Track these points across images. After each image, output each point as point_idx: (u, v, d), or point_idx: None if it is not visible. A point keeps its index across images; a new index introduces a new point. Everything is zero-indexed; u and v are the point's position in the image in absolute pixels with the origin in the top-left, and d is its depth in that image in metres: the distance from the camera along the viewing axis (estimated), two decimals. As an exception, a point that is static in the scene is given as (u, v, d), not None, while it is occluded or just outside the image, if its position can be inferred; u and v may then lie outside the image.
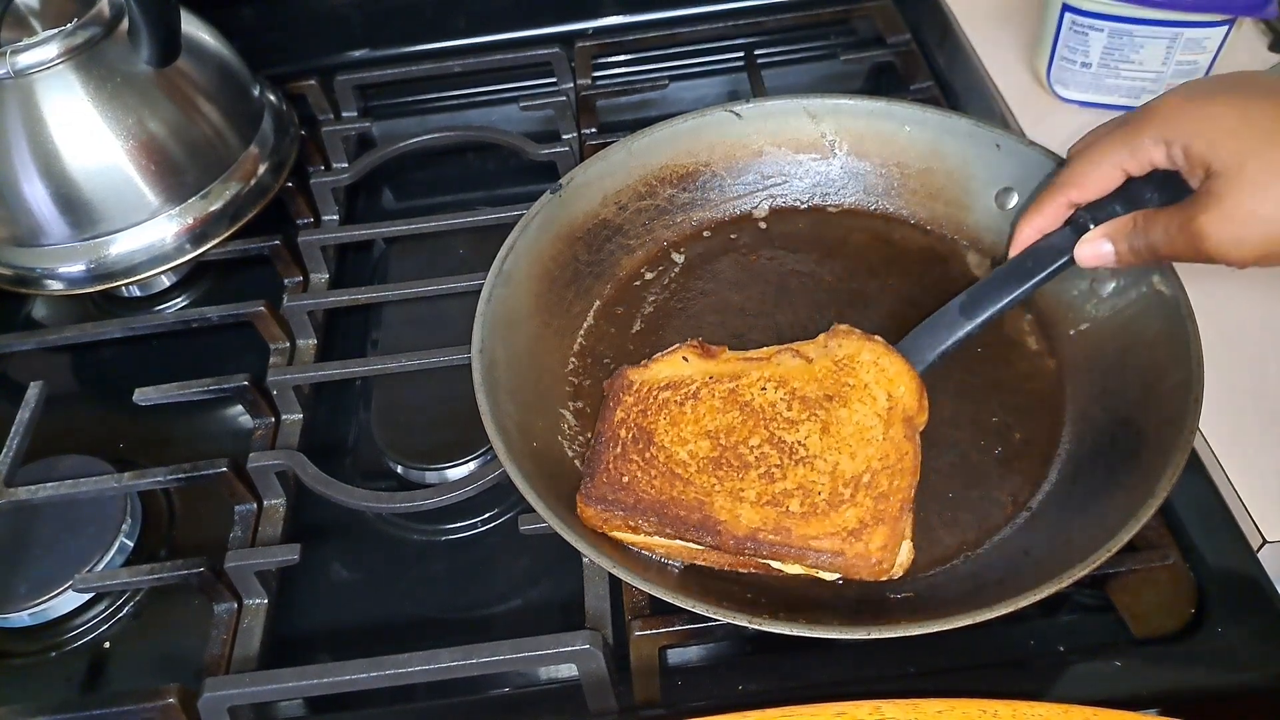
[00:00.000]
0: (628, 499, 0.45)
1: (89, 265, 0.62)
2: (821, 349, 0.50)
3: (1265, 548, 0.48)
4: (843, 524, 0.44)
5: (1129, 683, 0.44)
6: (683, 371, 0.50)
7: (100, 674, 0.51)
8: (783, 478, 0.45)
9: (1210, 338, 0.46)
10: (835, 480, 0.45)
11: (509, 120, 0.77)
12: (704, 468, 0.46)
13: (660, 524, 0.44)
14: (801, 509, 0.44)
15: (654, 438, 0.47)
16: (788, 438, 0.47)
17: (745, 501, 0.45)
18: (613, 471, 0.46)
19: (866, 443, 0.46)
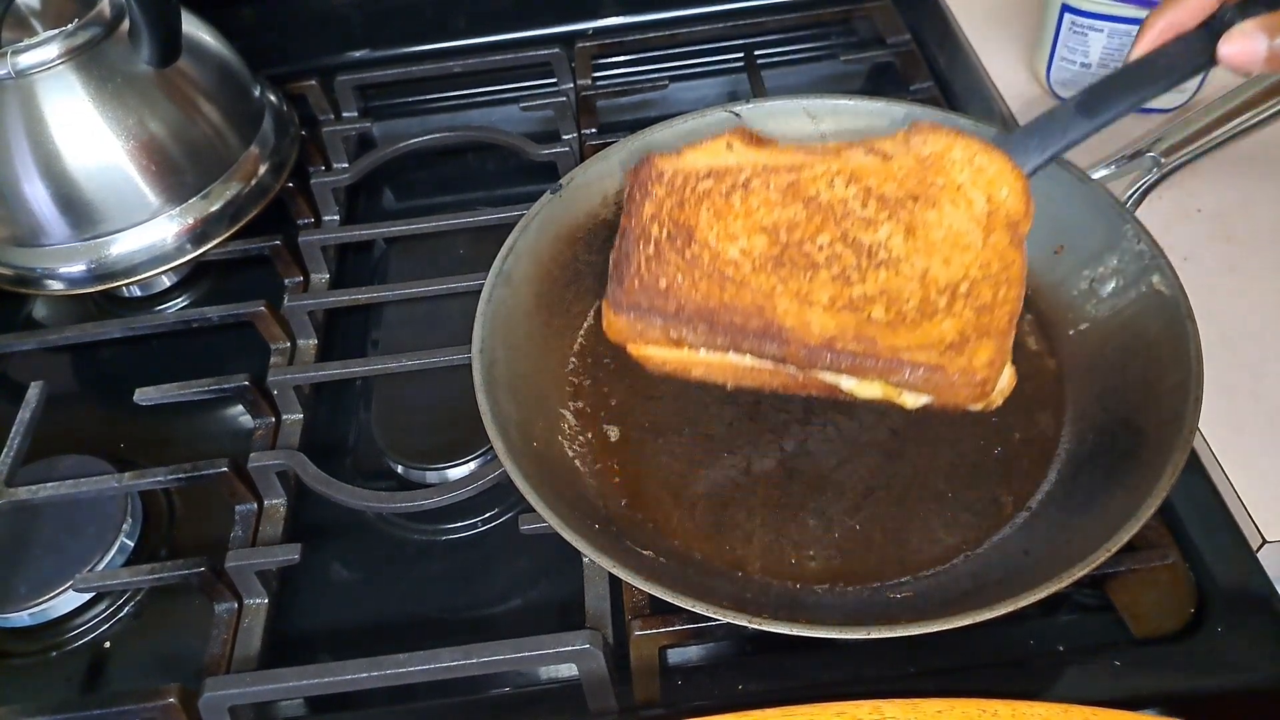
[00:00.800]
0: (667, 305, 0.39)
1: (89, 265, 0.62)
2: (901, 145, 0.43)
3: (1265, 548, 0.48)
4: (939, 336, 0.37)
5: (1128, 682, 0.44)
6: (726, 160, 0.42)
7: (100, 674, 0.51)
8: (861, 281, 0.38)
9: (1210, 338, 0.46)
10: (926, 287, 0.38)
11: (509, 120, 0.77)
12: (761, 267, 0.39)
13: (710, 333, 0.38)
14: (887, 317, 0.37)
15: (695, 234, 0.40)
16: (865, 238, 0.39)
17: (816, 306, 0.38)
18: (646, 275, 0.40)
19: (963, 249, 0.39)
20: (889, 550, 0.47)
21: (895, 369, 0.37)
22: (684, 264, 0.40)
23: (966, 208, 0.41)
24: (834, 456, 0.50)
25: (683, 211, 0.41)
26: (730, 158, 0.43)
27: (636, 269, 0.40)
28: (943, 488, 0.49)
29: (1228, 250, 0.59)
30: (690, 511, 0.49)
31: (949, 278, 0.39)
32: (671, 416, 0.53)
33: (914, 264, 0.39)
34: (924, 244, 0.40)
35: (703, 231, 0.41)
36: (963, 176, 0.42)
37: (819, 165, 0.42)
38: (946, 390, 0.37)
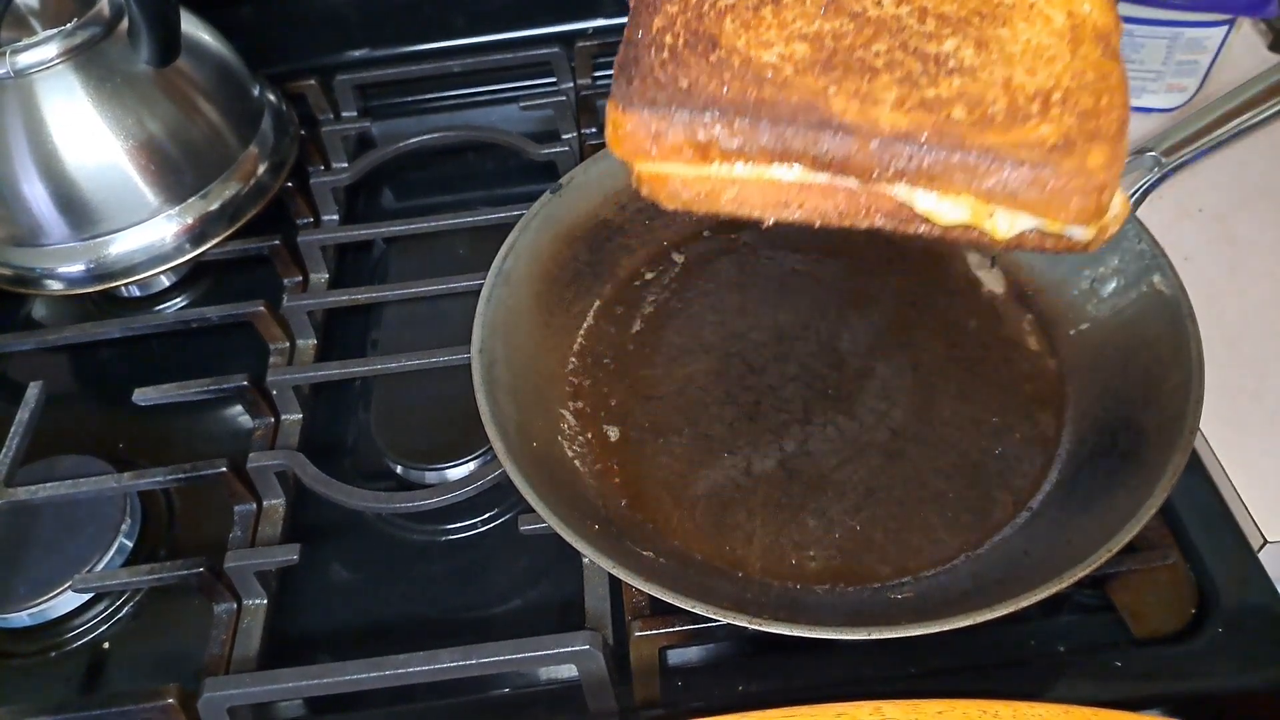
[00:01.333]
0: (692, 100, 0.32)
1: (88, 265, 0.62)
2: None
3: (1266, 548, 0.48)
4: (1039, 138, 0.32)
5: (1129, 683, 0.44)
6: None
7: (100, 674, 0.51)
8: (932, 85, 0.33)
9: (1211, 338, 0.46)
10: (1012, 93, 0.33)
11: (509, 120, 0.77)
12: (807, 69, 0.33)
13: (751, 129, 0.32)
14: (970, 117, 0.32)
15: (720, 41, 0.34)
16: (929, 49, 0.34)
17: (881, 104, 0.32)
18: (662, 75, 0.33)
19: (1049, 61, 0.34)
20: (889, 550, 0.47)
21: (992, 168, 0.31)
22: (708, 66, 0.33)
23: (1044, 24, 0.35)
24: (834, 457, 0.50)
25: (701, 22, 0.35)
26: None
27: (649, 69, 0.33)
28: (943, 488, 0.49)
29: (1229, 250, 0.59)
30: (690, 512, 0.49)
31: (1038, 85, 0.33)
32: (671, 416, 0.53)
33: (993, 73, 0.33)
34: (1000, 55, 0.34)
35: (728, 39, 0.34)
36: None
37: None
38: (1057, 198, 0.31)
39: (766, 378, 0.53)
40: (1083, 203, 0.31)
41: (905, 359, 0.53)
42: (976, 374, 0.53)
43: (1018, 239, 0.33)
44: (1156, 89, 0.66)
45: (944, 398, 0.50)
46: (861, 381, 0.52)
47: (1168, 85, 0.64)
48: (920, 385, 0.52)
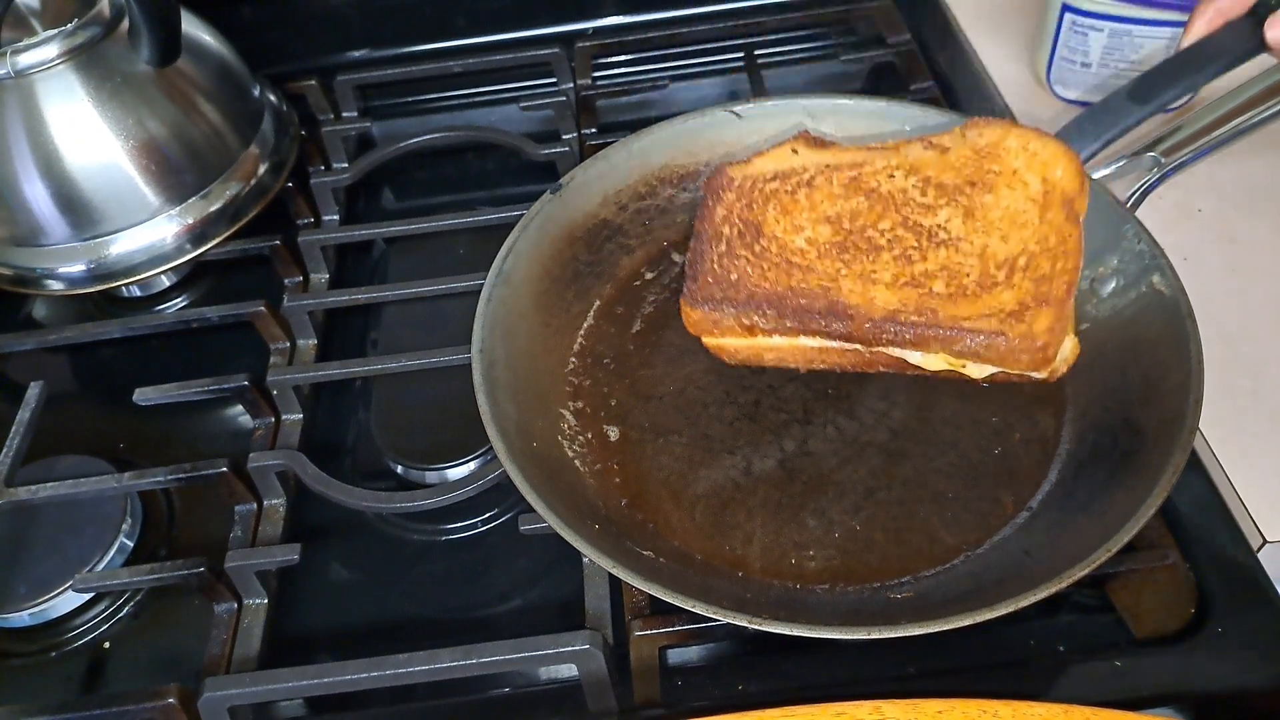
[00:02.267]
0: (738, 295, 0.43)
1: (89, 265, 0.62)
2: (958, 139, 0.46)
3: (1265, 547, 0.48)
4: (999, 305, 0.40)
5: (1129, 683, 0.44)
6: (792, 163, 0.47)
7: (100, 674, 0.51)
8: (922, 259, 0.42)
9: (1210, 338, 0.46)
10: (985, 262, 0.42)
11: (509, 120, 0.77)
12: (826, 253, 0.43)
13: (779, 316, 0.42)
14: (947, 290, 0.41)
15: (763, 229, 0.45)
16: (925, 221, 0.43)
17: (879, 284, 0.42)
18: (718, 270, 0.44)
19: (1020, 227, 0.43)
20: (889, 550, 0.47)
21: (957, 338, 0.40)
22: (753, 257, 0.44)
23: (1022, 189, 0.43)
24: (834, 457, 0.50)
25: (751, 212, 0.46)
26: (796, 160, 0.47)
27: (709, 266, 0.45)
28: (943, 488, 0.49)
29: (1228, 250, 0.59)
30: (690, 512, 0.49)
31: (1008, 253, 0.42)
32: (671, 416, 0.53)
33: (973, 242, 0.43)
34: (982, 224, 0.43)
35: (770, 226, 0.45)
36: (1018, 162, 0.45)
37: (879, 160, 0.46)
38: (1009, 356, 0.39)
39: (766, 377, 0.53)
40: (1031, 360, 0.40)
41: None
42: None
43: (990, 376, 0.42)
44: (1156, 89, 0.66)
45: (944, 397, 0.50)
46: (861, 381, 0.52)
47: (1167, 85, 0.64)
48: (920, 385, 0.52)
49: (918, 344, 0.40)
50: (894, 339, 0.40)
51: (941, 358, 0.40)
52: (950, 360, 0.40)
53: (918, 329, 0.39)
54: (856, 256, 0.42)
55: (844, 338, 0.41)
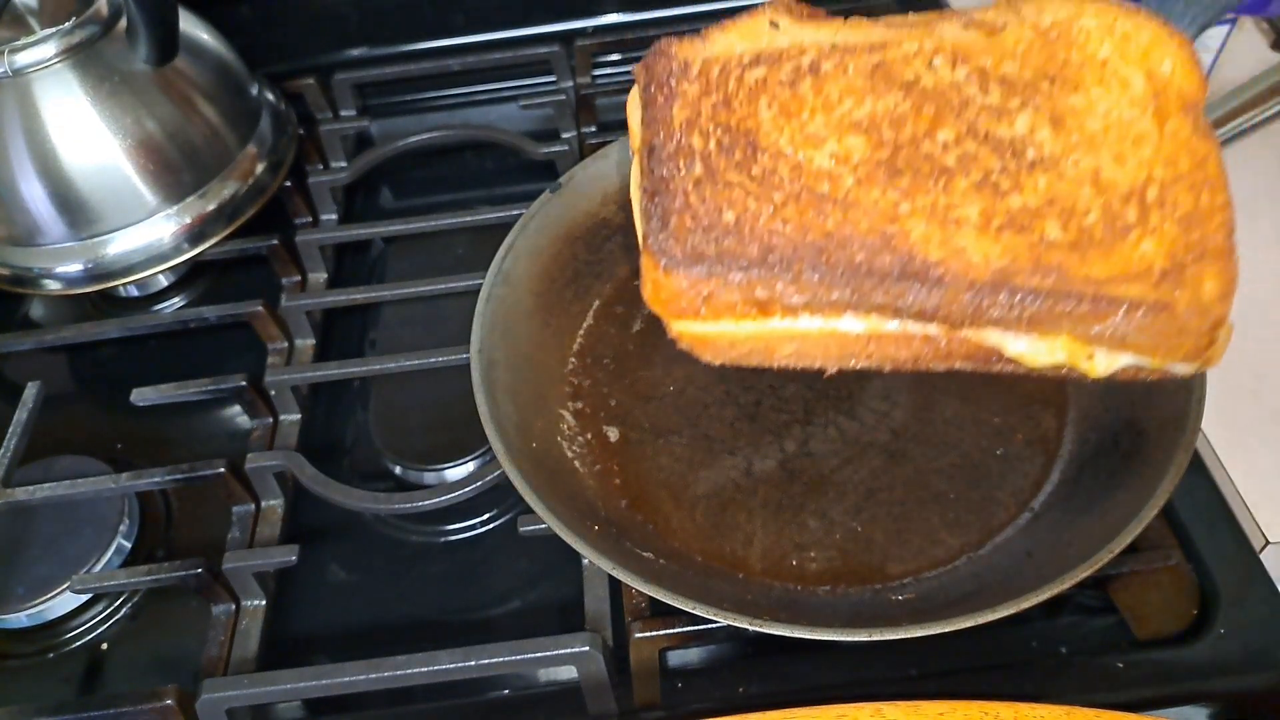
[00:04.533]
0: (745, 248, 0.27)
1: (86, 265, 0.62)
2: (1008, 12, 0.33)
3: (1268, 548, 0.48)
4: (1144, 261, 0.28)
5: (1132, 684, 0.44)
6: (775, 41, 0.32)
7: (98, 675, 0.51)
8: (1015, 189, 0.29)
9: (1213, 338, 0.46)
10: (1105, 193, 0.29)
11: (508, 119, 0.77)
12: (870, 176, 0.28)
13: (823, 283, 0.27)
14: (1067, 236, 0.28)
15: (760, 140, 0.29)
16: (1001, 132, 0.30)
17: (966, 226, 0.28)
18: (699, 207, 0.28)
19: (1135, 142, 0.30)
20: (890, 551, 0.47)
21: (1105, 311, 0.27)
22: (753, 184, 0.28)
23: (1121, 89, 0.31)
24: (835, 457, 0.50)
25: (732, 112, 0.30)
26: (779, 38, 0.32)
27: (683, 199, 0.28)
28: (944, 488, 0.48)
29: (1230, 249, 0.58)
30: (690, 513, 0.49)
31: (1130, 180, 0.29)
32: (671, 417, 0.53)
33: (1079, 164, 0.29)
34: (1082, 137, 0.30)
35: (769, 135, 0.29)
36: (1105, 50, 0.32)
37: (908, 42, 0.31)
38: (1170, 339, 0.27)
39: (766, 377, 0.53)
40: (1196, 342, 0.28)
41: (906, 359, 0.53)
42: (978, 374, 0.52)
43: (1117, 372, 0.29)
44: (1158, 88, 0.66)
45: (945, 398, 0.50)
46: (862, 381, 0.52)
47: (1169, 84, 0.64)
48: (921, 385, 0.51)
49: (1038, 324, 0.27)
50: (1006, 316, 0.26)
51: (1062, 344, 0.28)
52: (1073, 348, 0.28)
53: (1046, 299, 0.26)
54: (919, 183, 0.28)
55: (924, 315, 0.27)
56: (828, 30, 0.33)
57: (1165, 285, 0.28)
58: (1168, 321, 0.27)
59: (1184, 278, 0.28)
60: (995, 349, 0.28)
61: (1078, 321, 0.27)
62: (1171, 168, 0.30)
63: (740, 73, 0.31)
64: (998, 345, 0.28)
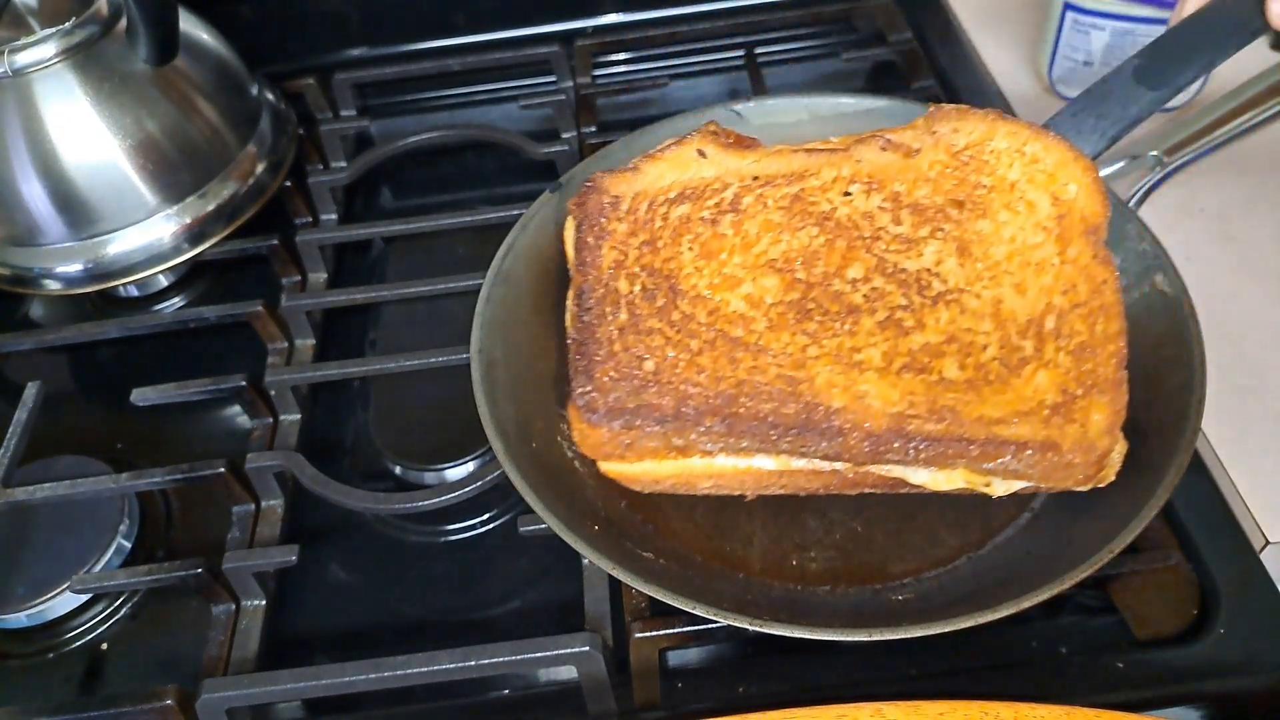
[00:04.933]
0: (662, 401, 0.29)
1: (86, 265, 0.62)
2: (924, 136, 0.34)
3: (1268, 548, 0.48)
4: (1036, 396, 0.29)
5: (1132, 684, 0.44)
6: (700, 172, 0.33)
7: (98, 675, 0.51)
8: (918, 326, 0.30)
9: (1213, 338, 0.46)
10: (1004, 326, 0.30)
11: (508, 119, 0.77)
12: (781, 320, 0.29)
13: (729, 434, 0.29)
14: (964, 374, 0.29)
15: (680, 284, 0.30)
16: (909, 264, 0.30)
17: (868, 370, 0.29)
18: (623, 356, 0.30)
19: (1038, 269, 0.31)
20: (890, 551, 0.47)
21: (994, 452, 0.28)
22: (673, 330, 0.30)
23: (1028, 212, 0.32)
24: (835, 457, 0.50)
25: (656, 253, 0.31)
26: (706, 168, 0.33)
27: (608, 348, 0.30)
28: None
29: (1231, 250, 0.58)
30: (690, 512, 0.49)
31: (1030, 310, 0.30)
32: (671, 417, 0.52)
33: (980, 295, 0.30)
34: (986, 266, 0.31)
35: (689, 279, 0.30)
36: (1014, 172, 0.33)
37: (826, 169, 0.32)
38: (1057, 473, 0.28)
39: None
40: (1085, 471, 0.29)
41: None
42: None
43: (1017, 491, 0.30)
44: (1158, 88, 0.66)
45: (945, 398, 0.50)
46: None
47: (1169, 84, 0.64)
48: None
49: (936, 462, 0.29)
50: (904, 458, 0.28)
51: (961, 474, 0.29)
52: (971, 478, 0.29)
53: (938, 445, 0.27)
54: (826, 325, 0.29)
55: (829, 457, 0.29)
56: (752, 157, 0.33)
57: (1054, 423, 0.29)
58: (1054, 459, 0.29)
59: (1073, 412, 0.29)
60: (900, 479, 0.30)
61: (970, 461, 0.28)
62: (1070, 295, 0.31)
63: (666, 209, 0.33)
64: (901, 476, 0.30)
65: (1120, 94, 0.37)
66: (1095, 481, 0.30)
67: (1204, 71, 0.38)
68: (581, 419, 0.30)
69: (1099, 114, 0.37)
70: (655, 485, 0.32)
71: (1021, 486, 0.30)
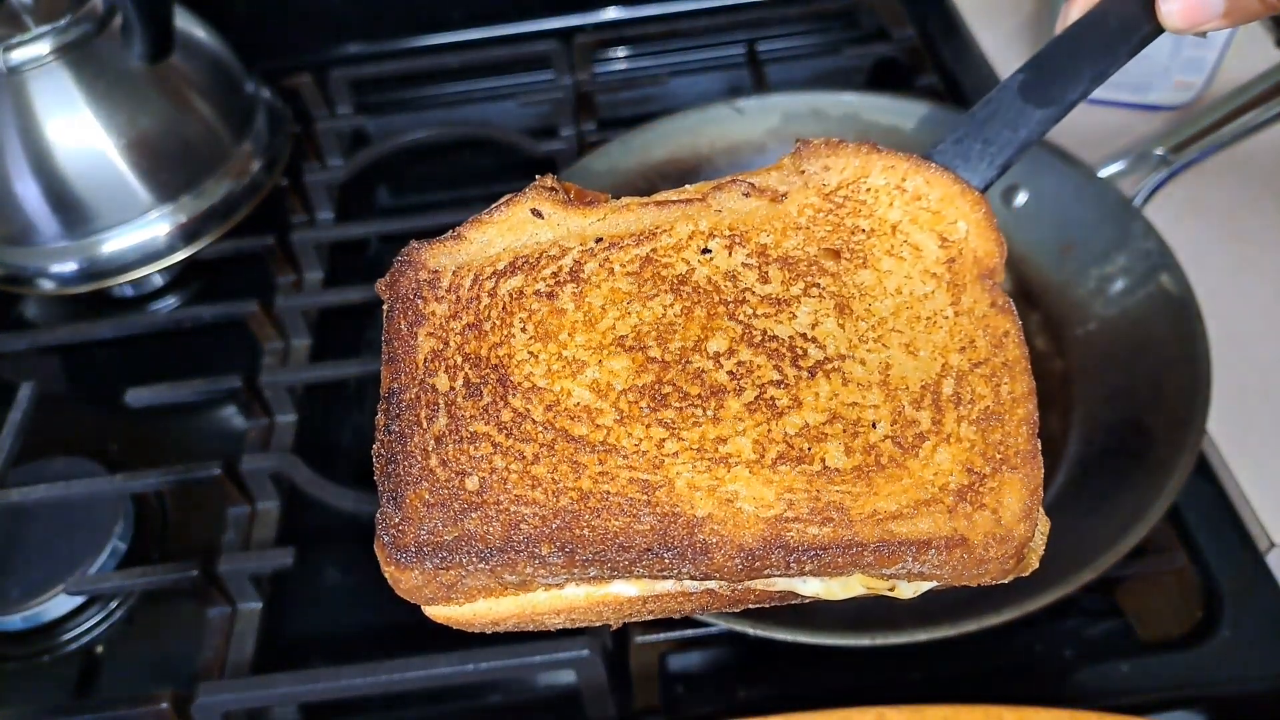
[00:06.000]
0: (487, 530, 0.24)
1: (81, 264, 0.62)
2: (791, 175, 0.30)
3: (1273, 551, 0.47)
4: (937, 479, 0.25)
5: (1136, 687, 0.44)
6: (536, 235, 0.28)
7: (93, 678, 0.50)
8: (794, 405, 0.25)
9: (1219, 338, 0.46)
10: (894, 395, 0.26)
11: (507, 116, 0.76)
12: (632, 412, 0.25)
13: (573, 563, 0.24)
14: (850, 461, 0.25)
15: (511, 375, 0.26)
16: (779, 330, 0.26)
17: (738, 465, 0.24)
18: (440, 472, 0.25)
19: (929, 324, 0.27)
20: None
21: (894, 556, 0.23)
22: (502, 435, 0.25)
23: (914, 258, 0.28)
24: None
25: (483, 338, 0.26)
26: (542, 231, 0.28)
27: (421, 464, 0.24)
28: (947, 490, 0.48)
29: (1237, 249, 0.58)
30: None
31: (923, 374, 0.26)
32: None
33: (865, 360, 0.26)
34: (870, 324, 0.26)
35: (522, 367, 0.25)
36: (895, 212, 0.29)
37: (680, 225, 0.28)
38: (970, 570, 0.24)
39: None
40: (1002, 566, 0.24)
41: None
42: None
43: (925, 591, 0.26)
44: (1163, 86, 0.66)
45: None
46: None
47: (1174, 82, 0.64)
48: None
49: (827, 571, 0.24)
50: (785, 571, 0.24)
51: (860, 580, 0.25)
52: (871, 583, 0.25)
53: (825, 553, 0.23)
54: (686, 412, 0.25)
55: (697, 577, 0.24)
56: (595, 215, 0.29)
57: (960, 512, 0.24)
58: (964, 556, 0.24)
59: (982, 496, 0.24)
60: (789, 591, 0.25)
61: (865, 568, 0.24)
62: (968, 352, 0.27)
63: (495, 284, 0.27)
64: (788, 588, 0.25)
65: (1006, 114, 0.32)
66: (1015, 573, 0.25)
67: (1095, 84, 0.33)
68: (389, 560, 0.24)
69: (984, 139, 0.32)
70: (496, 627, 0.27)
71: (930, 587, 0.26)
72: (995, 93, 0.33)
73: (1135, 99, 0.66)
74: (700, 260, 0.28)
